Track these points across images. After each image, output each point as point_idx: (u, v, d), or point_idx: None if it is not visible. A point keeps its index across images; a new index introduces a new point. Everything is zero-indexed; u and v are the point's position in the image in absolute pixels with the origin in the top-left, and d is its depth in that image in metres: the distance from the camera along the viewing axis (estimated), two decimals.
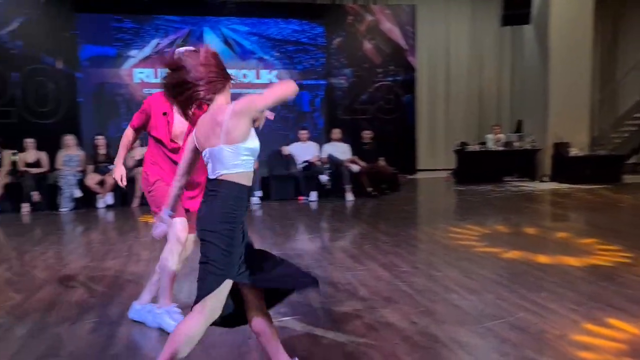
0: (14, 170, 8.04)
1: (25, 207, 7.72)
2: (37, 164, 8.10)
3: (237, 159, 2.03)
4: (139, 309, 3.08)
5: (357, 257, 4.56)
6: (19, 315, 3.22)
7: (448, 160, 12.36)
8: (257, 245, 2.35)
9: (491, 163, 10.57)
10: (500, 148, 10.77)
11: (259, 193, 8.40)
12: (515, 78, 13.46)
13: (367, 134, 9.27)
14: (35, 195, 7.78)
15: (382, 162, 9.12)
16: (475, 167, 10.48)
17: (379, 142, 9.57)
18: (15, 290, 3.75)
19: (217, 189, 2.04)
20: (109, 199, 8.09)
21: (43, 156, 8.19)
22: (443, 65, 13.31)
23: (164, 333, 2.86)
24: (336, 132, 9.16)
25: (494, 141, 10.93)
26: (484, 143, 11.09)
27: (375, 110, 11.88)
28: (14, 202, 7.81)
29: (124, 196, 8.18)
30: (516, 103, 13.20)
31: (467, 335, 2.76)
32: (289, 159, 9.12)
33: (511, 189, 9.39)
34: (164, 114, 3.00)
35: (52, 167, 8.21)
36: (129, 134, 3.15)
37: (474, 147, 10.87)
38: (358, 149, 9.21)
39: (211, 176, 2.09)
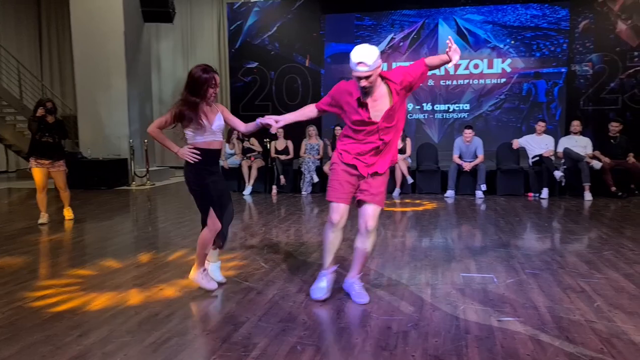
0: (266, 156, 9.32)
1: (274, 189, 8.91)
2: (285, 151, 9.24)
3: None
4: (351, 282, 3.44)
5: (594, 263, 4.15)
6: (267, 282, 3.79)
7: None
8: (479, 239, 2.34)
9: None
10: None
11: (483, 187, 8.16)
12: None
13: (615, 126, 8.17)
14: (282, 179, 8.89)
15: (631, 158, 7.97)
16: None
17: (630, 135, 8.38)
18: (264, 260, 4.41)
19: None
20: None
21: (290, 144, 9.30)
22: None
23: (385, 314, 3.08)
24: (576, 125, 8.30)
25: None
26: None
27: (627, 100, 10.41)
28: (265, 184, 9.08)
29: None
30: None
31: None
32: (520, 152, 8.63)
33: None
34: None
35: (297, 155, 9.28)
36: None
37: None
38: (603, 143, 8.22)
39: None
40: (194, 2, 13.74)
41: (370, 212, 3.21)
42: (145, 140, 10.47)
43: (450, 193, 8.30)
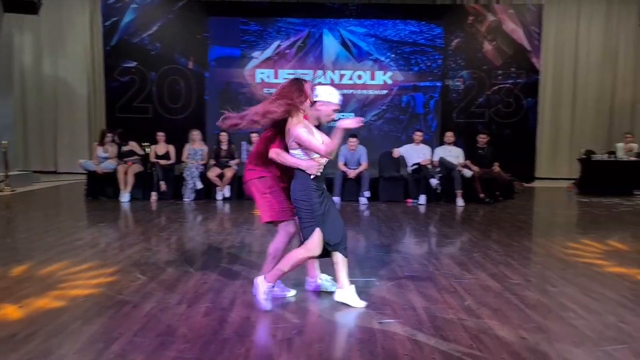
0: (145, 160, 8.83)
1: (154, 196, 8.46)
2: (166, 156, 8.83)
3: None
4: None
5: (465, 264, 4.43)
6: (144, 294, 3.55)
7: (571, 169, 11.55)
8: (363, 244, 2.37)
9: (620, 174, 9.68)
10: (633, 158, 9.84)
11: (367, 193, 8.44)
12: None
13: (482, 138, 8.90)
14: (162, 185, 8.48)
15: (497, 167, 8.73)
16: (602, 178, 9.66)
17: (495, 146, 9.17)
18: (141, 271, 4.13)
19: None
20: (226, 191, 8.59)
21: (171, 149, 8.90)
22: (570, 67, 12.40)
23: (268, 322, 3.01)
24: (449, 135, 8.92)
25: (624, 151, 10.03)
26: (613, 152, 10.19)
27: (493, 114, 11.42)
28: (144, 190, 8.59)
29: (239, 190, 8.65)
30: None
31: (582, 358, 2.58)
32: (400, 161, 9.06)
33: None
34: None
35: (178, 160, 8.91)
36: None
37: (601, 156, 10.02)
38: (472, 153, 8.91)
39: None
40: None
41: None
42: (4, 142, 9.42)
43: (336, 199, 8.47)
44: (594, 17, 12.30)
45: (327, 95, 3.35)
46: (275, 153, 3.32)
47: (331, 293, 3.51)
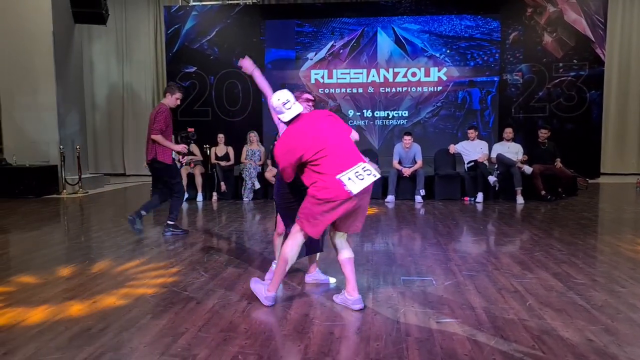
0: (206, 162, 9.13)
1: (215, 196, 8.74)
2: (225, 157, 9.10)
3: None
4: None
5: (526, 264, 4.33)
6: (207, 291, 3.70)
7: (639, 164, 10.97)
8: (419, 243, 2.38)
9: None
10: None
11: (422, 192, 8.36)
12: None
13: (543, 133, 8.60)
14: (223, 186, 8.74)
15: (559, 163, 8.42)
16: None
17: (557, 142, 8.85)
18: (204, 269, 4.31)
19: None
20: None
21: (231, 150, 9.16)
22: (638, 57, 11.75)
23: (327, 320, 3.07)
24: (508, 131, 8.69)
25: None
26: None
27: (554, 108, 11.00)
28: (206, 190, 8.89)
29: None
30: None
31: None
32: (456, 158, 8.91)
33: None
34: None
35: (237, 161, 9.15)
36: None
37: None
38: (533, 149, 8.64)
39: None
40: (129, 4, 13.30)
41: None
42: (77, 146, 10.01)
43: (390, 198, 8.44)
44: None
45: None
46: None
47: (386, 290, 3.52)
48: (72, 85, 10.56)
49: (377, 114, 11.38)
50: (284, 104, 3.31)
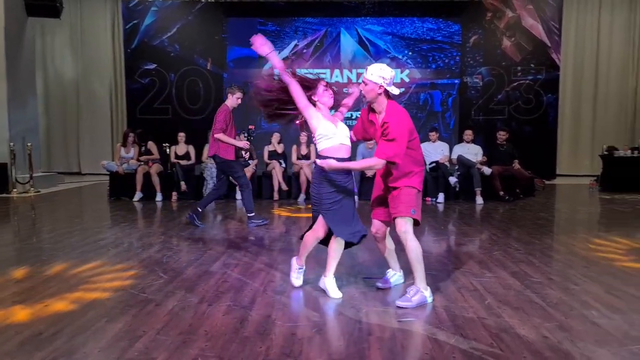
0: (165, 161, 8.94)
1: (174, 196, 8.56)
2: (186, 156, 8.92)
3: None
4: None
5: (485, 263, 4.41)
6: (166, 292, 3.60)
7: (593, 165, 11.37)
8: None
9: None
10: None
11: None
12: None
13: (502, 135, 8.81)
14: (183, 185, 8.57)
15: (517, 164, 8.64)
16: (625, 174, 9.51)
17: (515, 143, 9.08)
18: (163, 270, 4.20)
19: None
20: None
21: (191, 149, 9.00)
22: (592, 62, 12.19)
23: (289, 321, 3.04)
24: (468, 133, 8.85)
25: None
26: (637, 148, 10.01)
27: (512, 110, 11.30)
28: (165, 190, 8.69)
29: (259, 190, 8.72)
30: None
31: (606, 357, 2.55)
32: None
33: None
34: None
35: (198, 160, 8.99)
36: None
37: (624, 152, 9.86)
38: (492, 151, 8.83)
39: None
40: None
41: None
42: (29, 144, 9.62)
43: (355, 198, 8.45)
44: (616, 11, 12.08)
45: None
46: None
47: (349, 290, 3.52)
48: (23, 81, 10.15)
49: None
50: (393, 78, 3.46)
